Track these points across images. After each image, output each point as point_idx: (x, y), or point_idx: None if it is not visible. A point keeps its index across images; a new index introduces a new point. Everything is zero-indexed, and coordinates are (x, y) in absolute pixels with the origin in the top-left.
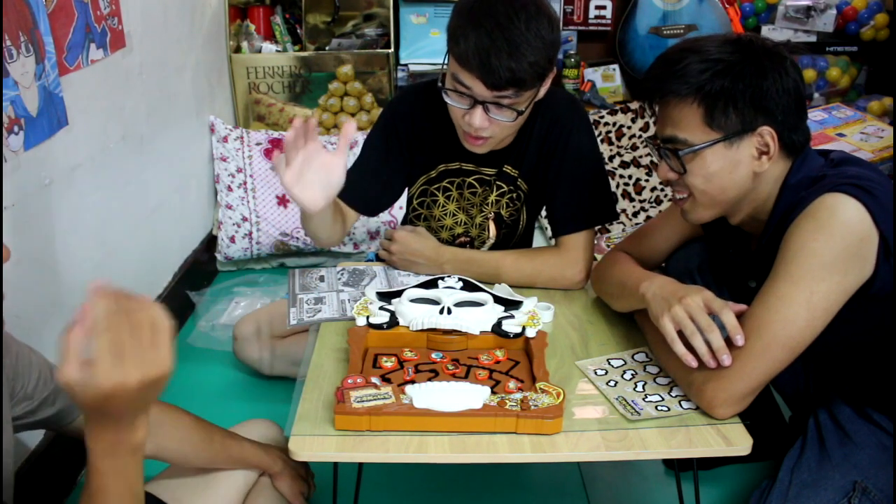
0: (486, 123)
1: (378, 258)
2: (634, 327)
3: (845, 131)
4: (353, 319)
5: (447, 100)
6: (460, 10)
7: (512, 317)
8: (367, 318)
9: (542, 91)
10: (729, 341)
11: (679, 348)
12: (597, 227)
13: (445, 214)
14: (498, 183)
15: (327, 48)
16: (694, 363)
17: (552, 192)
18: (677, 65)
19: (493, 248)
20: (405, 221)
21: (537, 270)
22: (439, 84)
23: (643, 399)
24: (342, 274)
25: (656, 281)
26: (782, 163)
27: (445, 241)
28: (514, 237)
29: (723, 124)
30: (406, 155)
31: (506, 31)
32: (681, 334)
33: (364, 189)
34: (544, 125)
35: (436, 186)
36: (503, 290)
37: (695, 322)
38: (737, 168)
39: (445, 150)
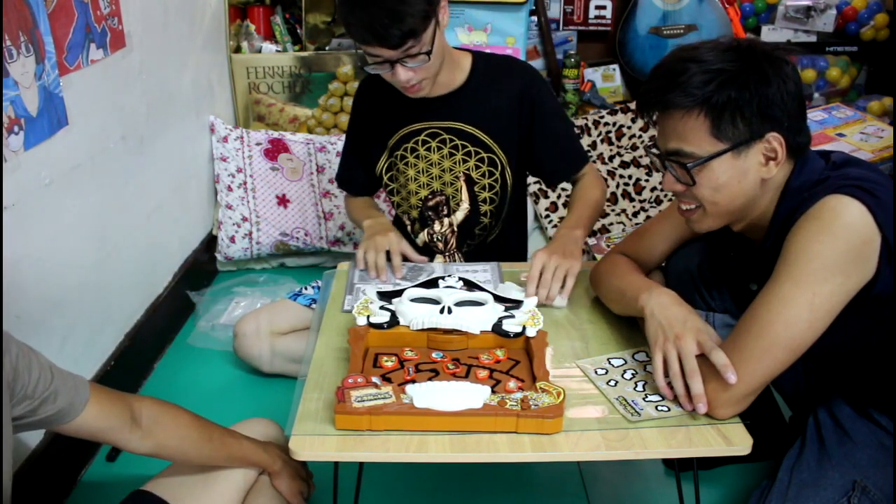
0: (411, 74)
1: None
2: (635, 327)
3: (845, 131)
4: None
5: (371, 70)
6: (339, 3)
7: (512, 316)
8: (368, 317)
9: (443, 16)
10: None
11: (660, 382)
12: (596, 227)
13: (408, 180)
14: (451, 137)
15: (327, 48)
16: (670, 397)
17: (546, 146)
18: (680, 76)
19: (472, 213)
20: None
21: (599, 204)
22: (359, 63)
23: (643, 399)
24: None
25: (656, 295)
26: (785, 167)
27: (416, 207)
28: (504, 205)
29: (730, 134)
30: (368, 128)
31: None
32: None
33: (348, 172)
34: (513, 96)
35: (395, 155)
36: (505, 290)
37: (683, 364)
38: (745, 176)
39: (395, 117)
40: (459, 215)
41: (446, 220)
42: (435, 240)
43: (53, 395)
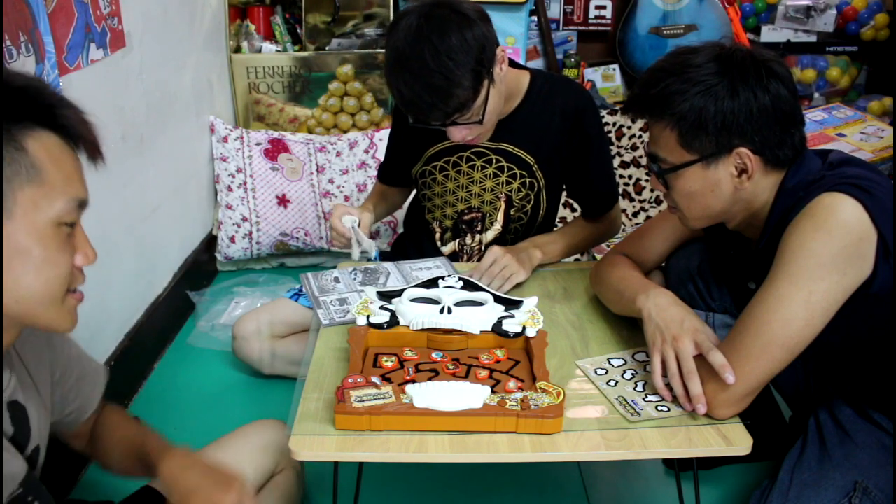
0: (465, 132)
1: (381, 258)
2: (635, 327)
3: (845, 131)
4: None
5: (420, 126)
6: (385, 66)
7: (512, 316)
8: (368, 317)
9: (500, 68)
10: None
11: (658, 384)
12: None
13: (446, 192)
14: (498, 158)
15: (327, 48)
16: (669, 398)
17: (588, 177)
18: (654, 88)
19: (501, 233)
20: (409, 211)
21: (584, 242)
22: (410, 121)
23: (643, 399)
24: (356, 274)
25: (653, 297)
26: (775, 174)
27: (451, 218)
28: (532, 229)
29: (697, 147)
30: (409, 134)
31: (422, 76)
32: None
33: (386, 164)
34: (567, 120)
35: (433, 165)
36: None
37: (680, 365)
38: (718, 187)
39: (437, 132)
40: (490, 235)
41: (478, 237)
42: (464, 251)
43: (75, 389)
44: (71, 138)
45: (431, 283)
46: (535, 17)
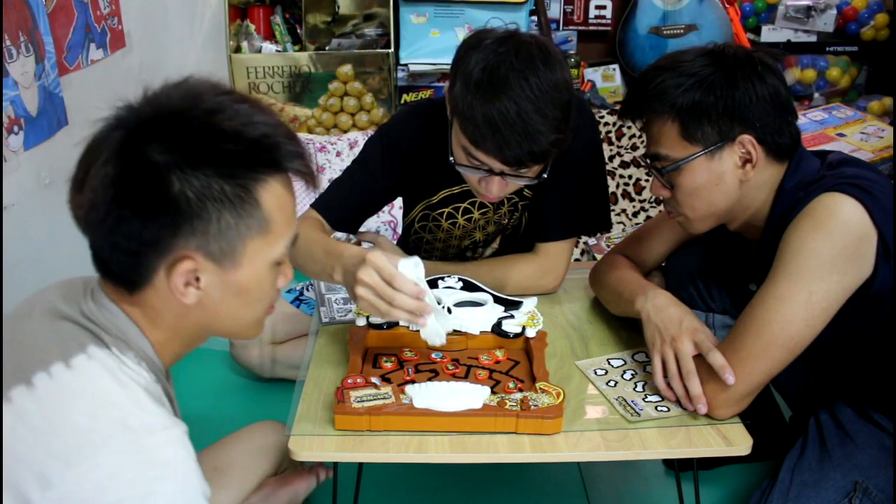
0: (506, 188)
1: None
2: (635, 327)
3: (845, 131)
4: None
5: (463, 171)
6: (466, 81)
7: (512, 317)
8: (367, 318)
9: None
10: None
11: (660, 385)
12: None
13: (450, 237)
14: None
15: (327, 48)
16: (672, 398)
17: (542, 196)
18: (651, 84)
19: (498, 251)
20: (404, 243)
21: (513, 280)
22: (451, 158)
23: (643, 399)
24: None
25: (652, 297)
26: (774, 168)
27: (452, 255)
28: (514, 241)
29: (700, 137)
30: (397, 180)
31: (519, 102)
32: None
33: (345, 208)
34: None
35: (438, 212)
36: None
37: (680, 365)
38: (722, 179)
39: (447, 175)
40: (487, 252)
41: (479, 251)
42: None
43: None
44: (294, 177)
45: (431, 283)
46: (534, 17)
